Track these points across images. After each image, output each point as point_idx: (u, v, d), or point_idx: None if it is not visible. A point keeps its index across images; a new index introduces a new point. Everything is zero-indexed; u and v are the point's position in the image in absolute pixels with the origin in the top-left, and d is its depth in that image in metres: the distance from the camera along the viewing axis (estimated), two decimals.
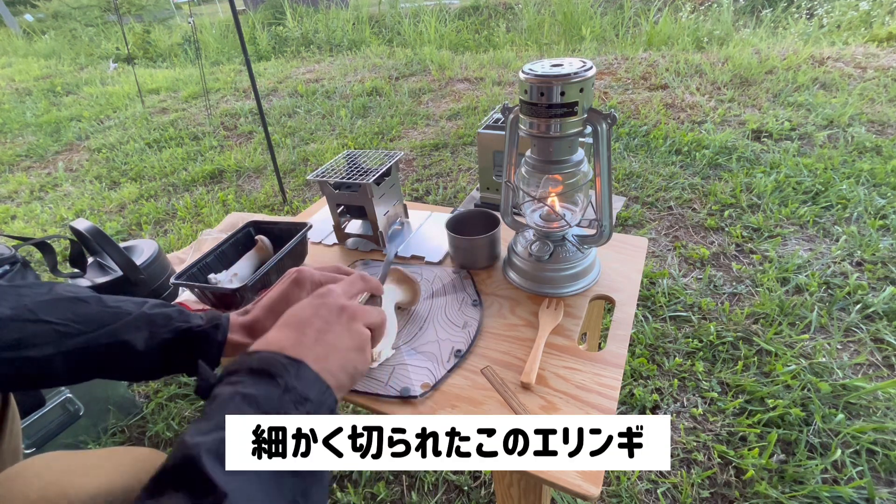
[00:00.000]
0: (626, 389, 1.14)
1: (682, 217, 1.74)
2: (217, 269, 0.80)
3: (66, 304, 0.46)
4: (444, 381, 0.60)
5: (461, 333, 0.67)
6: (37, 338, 0.43)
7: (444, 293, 0.75)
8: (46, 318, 0.44)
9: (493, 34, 5.03)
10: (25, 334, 0.42)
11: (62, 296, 0.46)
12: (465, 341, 0.66)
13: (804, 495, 0.90)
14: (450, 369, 0.61)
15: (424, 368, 0.62)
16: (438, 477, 1.01)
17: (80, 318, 0.45)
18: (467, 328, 0.68)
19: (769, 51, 3.21)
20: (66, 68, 5.94)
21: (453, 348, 0.65)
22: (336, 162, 0.89)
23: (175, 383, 1.32)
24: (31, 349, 0.42)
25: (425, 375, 0.61)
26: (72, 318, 0.45)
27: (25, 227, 2.29)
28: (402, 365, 0.63)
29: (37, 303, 0.44)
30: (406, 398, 0.58)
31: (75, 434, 1.12)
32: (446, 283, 0.77)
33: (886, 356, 1.16)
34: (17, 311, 0.43)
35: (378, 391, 0.59)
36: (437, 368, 0.62)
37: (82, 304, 0.46)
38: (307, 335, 0.39)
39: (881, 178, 1.76)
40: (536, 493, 0.59)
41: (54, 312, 0.45)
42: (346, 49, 5.25)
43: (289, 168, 2.54)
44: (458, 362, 0.62)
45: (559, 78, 0.57)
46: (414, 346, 0.66)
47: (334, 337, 0.40)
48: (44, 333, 0.43)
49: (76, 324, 0.45)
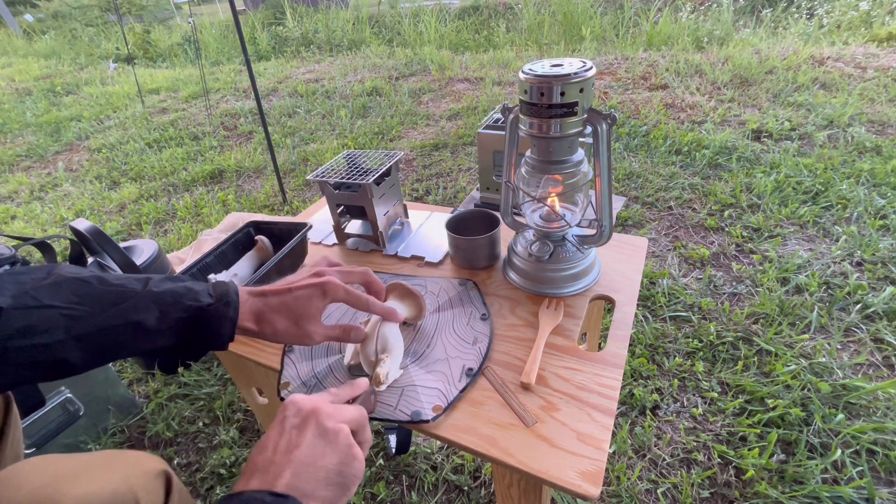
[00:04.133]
0: (626, 389, 1.14)
1: (682, 217, 1.74)
2: (217, 270, 0.80)
3: (68, 286, 0.45)
4: (456, 402, 0.57)
5: (472, 350, 0.63)
6: (45, 323, 0.42)
7: (451, 307, 0.72)
8: (50, 303, 0.43)
9: (493, 34, 5.03)
10: (32, 321, 0.42)
11: (63, 277, 0.45)
12: (477, 359, 0.62)
13: (804, 495, 0.90)
14: (462, 389, 0.58)
15: (435, 389, 0.58)
16: (438, 477, 1.01)
17: (85, 299, 0.44)
18: (478, 344, 0.64)
19: (769, 51, 3.21)
20: (66, 68, 5.94)
21: (464, 367, 0.61)
22: (336, 162, 0.89)
23: (175, 383, 1.32)
24: (42, 335, 0.42)
25: (436, 397, 0.57)
26: (77, 301, 0.44)
27: (25, 227, 2.29)
28: (412, 386, 0.59)
29: (38, 288, 0.43)
30: (417, 423, 0.55)
31: (75, 434, 1.12)
32: (452, 296, 0.74)
33: (886, 356, 1.16)
34: (20, 298, 0.42)
35: (388, 416, 0.56)
36: (449, 389, 0.58)
37: (84, 285, 0.45)
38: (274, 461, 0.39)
39: (881, 178, 1.76)
40: (536, 493, 0.59)
41: (58, 296, 0.44)
42: (346, 49, 5.25)
43: (289, 168, 2.54)
44: (470, 381, 0.59)
45: (559, 78, 0.57)
46: (423, 366, 0.62)
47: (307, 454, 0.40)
48: (51, 318, 0.42)
49: (82, 306, 0.44)
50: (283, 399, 0.58)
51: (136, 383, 1.36)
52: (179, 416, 1.22)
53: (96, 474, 0.44)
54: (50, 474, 0.43)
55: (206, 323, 0.49)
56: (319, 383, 0.61)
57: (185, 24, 7.17)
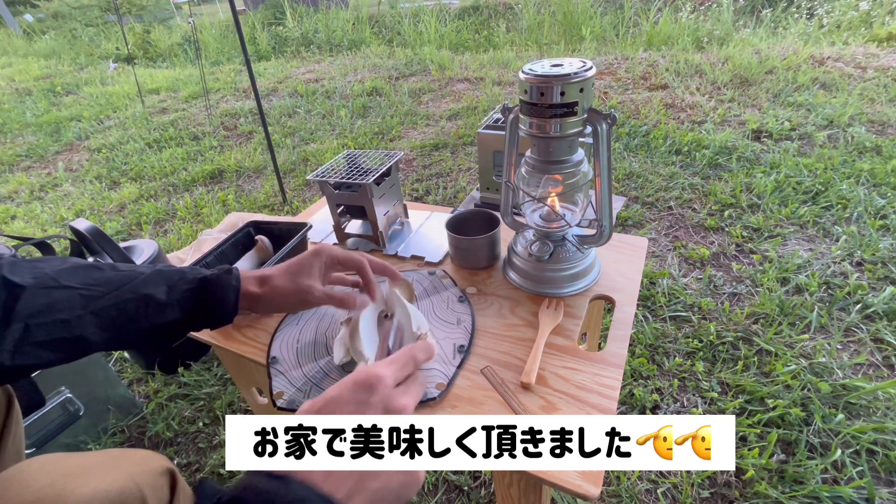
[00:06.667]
0: (626, 389, 1.14)
1: (682, 217, 1.74)
2: None
3: (84, 270, 0.49)
4: (455, 378, 0.61)
5: (458, 330, 0.68)
6: (64, 302, 0.45)
7: (428, 295, 0.75)
8: (68, 284, 0.46)
9: (493, 34, 5.03)
10: (53, 299, 0.45)
11: (79, 264, 0.49)
12: (465, 336, 0.66)
13: (804, 495, 0.90)
14: (458, 365, 0.62)
15: (433, 370, 0.62)
16: (438, 477, 1.01)
17: (99, 282, 0.48)
18: (462, 324, 0.68)
19: (769, 51, 3.21)
20: (66, 68, 5.94)
21: (455, 345, 0.65)
22: (336, 162, 0.89)
23: (175, 383, 1.32)
24: (62, 312, 0.45)
25: (437, 376, 0.61)
26: (92, 283, 0.48)
27: (25, 227, 2.29)
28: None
29: (56, 271, 0.47)
30: (425, 401, 0.58)
31: (75, 434, 1.12)
32: (426, 285, 0.77)
33: (886, 356, 1.16)
34: (40, 279, 0.45)
35: None
36: (446, 367, 0.62)
37: (98, 271, 0.50)
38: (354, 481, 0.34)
39: (881, 178, 1.76)
40: (536, 493, 0.59)
41: (75, 278, 0.47)
42: (346, 49, 5.25)
43: (289, 168, 2.54)
44: (464, 357, 0.63)
45: (559, 78, 0.57)
46: None
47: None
48: (70, 298, 0.46)
49: (97, 287, 0.48)
50: (280, 408, 0.58)
51: (136, 383, 1.36)
52: (179, 416, 1.22)
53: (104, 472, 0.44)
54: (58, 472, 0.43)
55: (211, 292, 0.52)
56: (316, 386, 0.62)
57: (185, 24, 7.17)
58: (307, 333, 0.71)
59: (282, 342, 0.69)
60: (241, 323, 0.75)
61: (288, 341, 0.70)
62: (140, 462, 0.49)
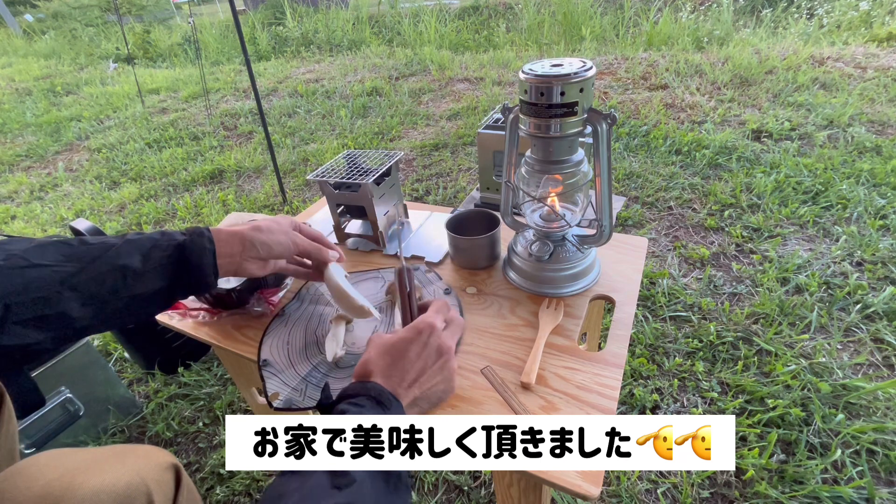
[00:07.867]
0: (626, 389, 1.14)
1: (682, 217, 1.74)
2: None
3: (52, 247, 0.48)
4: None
5: None
6: (40, 280, 0.45)
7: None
8: (40, 262, 0.46)
9: (493, 34, 5.03)
10: (27, 279, 0.44)
11: (46, 242, 0.48)
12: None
13: (804, 495, 0.90)
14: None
15: None
16: (438, 477, 1.01)
17: (71, 258, 0.48)
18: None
19: (769, 51, 3.21)
20: (66, 68, 5.94)
21: None
22: (336, 162, 0.89)
23: (175, 383, 1.32)
24: (39, 290, 0.45)
25: None
26: (63, 259, 0.47)
27: (25, 227, 2.29)
28: None
29: (25, 250, 0.46)
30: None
31: (75, 434, 1.12)
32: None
33: (886, 356, 1.16)
34: (10, 259, 0.45)
35: None
36: None
37: (68, 247, 0.49)
38: (406, 379, 0.45)
39: (881, 178, 1.76)
40: (536, 493, 0.59)
41: (45, 256, 0.46)
42: (346, 49, 5.25)
43: (289, 168, 2.54)
44: (457, 346, 0.63)
45: (559, 78, 0.57)
46: None
47: (428, 379, 0.46)
48: (44, 276, 0.45)
49: (70, 262, 0.47)
50: (278, 408, 0.59)
51: (136, 383, 1.36)
52: (179, 416, 1.22)
53: (109, 467, 0.44)
54: (64, 467, 0.43)
55: (186, 258, 0.53)
56: (311, 385, 0.62)
57: (185, 24, 7.17)
58: (296, 334, 0.71)
59: (271, 345, 0.69)
60: (240, 323, 0.75)
61: (277, 344, 0.70)
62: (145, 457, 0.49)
